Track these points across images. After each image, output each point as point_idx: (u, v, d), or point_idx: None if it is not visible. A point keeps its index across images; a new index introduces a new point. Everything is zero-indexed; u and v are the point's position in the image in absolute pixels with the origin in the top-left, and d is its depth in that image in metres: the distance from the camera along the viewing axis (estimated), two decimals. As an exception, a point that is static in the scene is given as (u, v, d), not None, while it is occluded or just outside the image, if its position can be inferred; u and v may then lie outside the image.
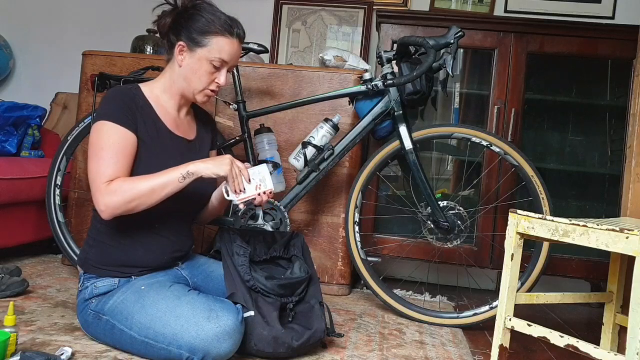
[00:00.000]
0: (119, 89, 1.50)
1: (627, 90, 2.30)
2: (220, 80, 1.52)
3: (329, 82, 2.27)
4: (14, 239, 2.33)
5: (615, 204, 2.16)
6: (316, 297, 1.59)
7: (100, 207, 1.37)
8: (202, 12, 1.49)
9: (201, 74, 1.50)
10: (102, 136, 1.40)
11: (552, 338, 1.27)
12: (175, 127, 1.56)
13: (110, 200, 1.35)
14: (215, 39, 1.48)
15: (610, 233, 1.18)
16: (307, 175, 1.99)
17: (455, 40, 1.80)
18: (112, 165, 1.38)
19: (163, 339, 1.33)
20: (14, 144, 2.61)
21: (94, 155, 1.39)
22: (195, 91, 1.52)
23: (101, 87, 2.03)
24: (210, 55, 1.48)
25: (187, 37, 1.48)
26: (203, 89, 1.52)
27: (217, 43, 1.48)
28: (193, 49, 1.48)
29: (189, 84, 1.51)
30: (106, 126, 1.41)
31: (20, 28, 3.21)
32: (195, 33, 1.47)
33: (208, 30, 1.47)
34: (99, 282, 1.47)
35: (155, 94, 1.54)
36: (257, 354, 1.44)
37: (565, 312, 2.38)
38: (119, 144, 1.40)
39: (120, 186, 1.36)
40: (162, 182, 1.39)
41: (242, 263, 1.52)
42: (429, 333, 1.89)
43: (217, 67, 1.50)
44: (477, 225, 2.36)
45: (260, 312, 1.45)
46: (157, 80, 1.57)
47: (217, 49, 1.48)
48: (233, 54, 1.51)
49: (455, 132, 1.97)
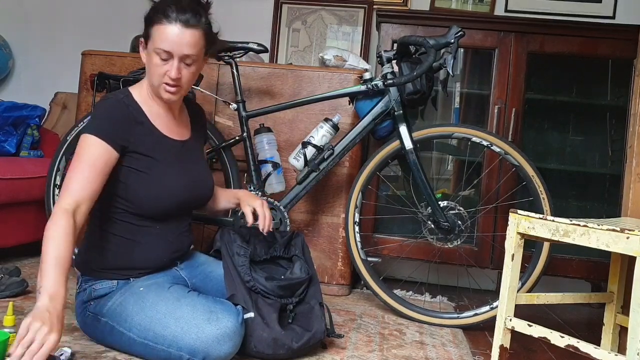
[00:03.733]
0: (112, 102, 1.44)
1: (627, 90, 2.30)
2: (171, 73, 1.40)
3: (329, 82, 2.27)
4: (14, 239, 2.33)
5: (615, 204, 2.16)
6: (316, 298, 1.58)
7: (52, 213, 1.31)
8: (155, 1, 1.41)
9: (153, 69, 1.42)
10: (86, 151, 1.37)
11: (552, 338, 1.27)
12: (168, 130, 1.53)
13: (49, 222, 1.28)
14: (155, 27, 1.39)
15: (610, 233, 1.17)
16: (307, 175, 1.99)
17: (455, 40, 1.79)
18: (80, 180, 1.34)
19: (163, 340, 1.33)
20: (13, 144, 2.61)
21: (74, 169, 1.36)
22: (154, 87, 1.46)
23: (100, 87, 2.02)
24: (155, 46, 1.39)
25: (143, 34, 1.44)
26: (159, 84, 1.43)
27: (157, 32, 1.38)
28: (147, 45, 1.43)
29: (150, 79, 1.46)
30: (92, 141, 1.37)
31: (20, 28, 3.20)
32: (145, 26, 1.42)
33: (151, 20, 1.40)
34: (97, 284, 1.46)
35: (144, 95, 1.50)
36: (257, 356, 1.44)
37: (566, 313, 2.37)
38: (97, 161, 1.36)
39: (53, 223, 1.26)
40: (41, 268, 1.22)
41: (242, 263, 1.52)
42: (429, 333, 1.88)
43: (165, 59, 1.40)
44: (478, 226, 2.35)
45: (260, 314, 1.44)
46: (144, 83, 1.52)
47: (158, 38, 1.38)
48: (175, 42, 1.38)
49: (455, 132, 1.97)
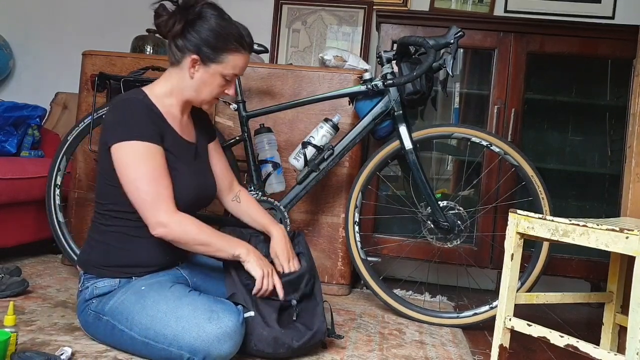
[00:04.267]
0: (130, 102, 1.46)
1: (627, 90, 2.30)
2: (230, 91, 1.56)
3: (329, 82, 2.27)
4: (14, 239, 2.33)
5: (615, 204, 2.16)
6: (321, 295, 1.60)
7: (159, 230, 1.39)
8: (215, 24, 1.45)
9: (213, 87, 1.52)
10: (142, 156, 1.40)
11: (552, 338, 1.27)
12: (181, 131, 1.56)
13: (174, 228, 1.40)
14: (231, 56, 1.48)
15: (610, 233, 1.18)
16: (307, 175, 1.99)
17: (455, 40, 1.80)
18: (166, 187, 1.41)
19: (164, 339, 1.33)
20: (14, 144, 2.61)
21: (142, 178, 1.39)
22: (203, 101, 1.55)
23: (101, 87, 2.02)
24: (225, 71, 1.50)
25: (201, 52, 1.46)
26: (210, 99, 1.55)
27: (233, 60, 1.49)
28: (207, 64, 1.48)
29: (199, 94, 1.53)
30: (140, 146, 1.40)
31: (20, 28, 3.21)
32: (209, 49, 1.46)
33: (223, 48, 1.47)
34: (99, 282, 1.47)
35: (160, 98, 1.52)
36: (257, 354, 1.44)
37: (565, 312, 2.38)
38: (160, 161, 1.43)
39: (188, 224, 1.42)
40: (218, 247, 1.46)
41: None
42: (428, 333, 1.89)
43: (229, 80, 1.53)
44: (477, 225, 2.36)
45: (260, 313, 1.45)
46: (161, 83, 1.54)
47: (232, 65, 1.50)
48: (245, 66, 1.56)
49: (455, 132, 1.97)
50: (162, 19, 1.47)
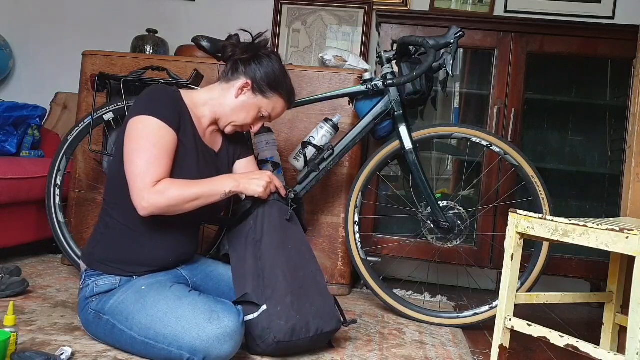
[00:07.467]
0: (163, 87, 1.53)
1: (627, 90, 2.30)
2: (255, 128, 1.65)
3: (329, 82, 2.27)
4: (14, 239, 2.33)
5: (615, 204, 2.15)
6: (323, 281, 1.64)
7: (144, 204, 1.39)
8: (277, 68, 1.61)
9: (248, 116, 1.60)
10: (151, 132, 1.42)
11: (552, 338, 1.27)
12: (204, 136, 1.60)
13: (156, 200, 1.39)
14: (276, 97, 1.61)
15: (610, 233, 1.18)
16: (307, 175, 1.99)
17: (455, 40, 1.80)
18: (161, 165, 1.41)
19: (164, 339, 1.34)
20: (14, 144, 2.61)
21: (142, 150, 1.40)
22: (232, 123, 1.61)
23: (101, 87, 2.03)
24: (265, 107, 1.61)
25: (256, 80, 1.58)
26: (239, 125, 1.62)
27: (277, 101, 1.62)
28: (255, 93, 1.59)
29: (232, 115, 1.60)
30: (155, 123, 1.43)
31: (20, 28, 3.21)
32: (264, 82, 1.58)
33: (276, 87, 1.60)
34: (100, 280, 1.47)
35: (194, 103, 1.58)
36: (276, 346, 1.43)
37: (565, 312, 2.38)
38: (167, 143, 1.44)
39: (168, 188, 1.40)
40: (208, 192, 1.46)
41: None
42: (429, 333, 1.89)
43: (261, 117, 1.63)
44: (477, 225, 2.36)
45: (272, 303, 1.44)
46: (201, 92, 1.63)
47: (273, 105, 1.62)
48: (279, 114, 1.68)
49: (455, 132, 1.97)
50: (234, 49, 1.61)
